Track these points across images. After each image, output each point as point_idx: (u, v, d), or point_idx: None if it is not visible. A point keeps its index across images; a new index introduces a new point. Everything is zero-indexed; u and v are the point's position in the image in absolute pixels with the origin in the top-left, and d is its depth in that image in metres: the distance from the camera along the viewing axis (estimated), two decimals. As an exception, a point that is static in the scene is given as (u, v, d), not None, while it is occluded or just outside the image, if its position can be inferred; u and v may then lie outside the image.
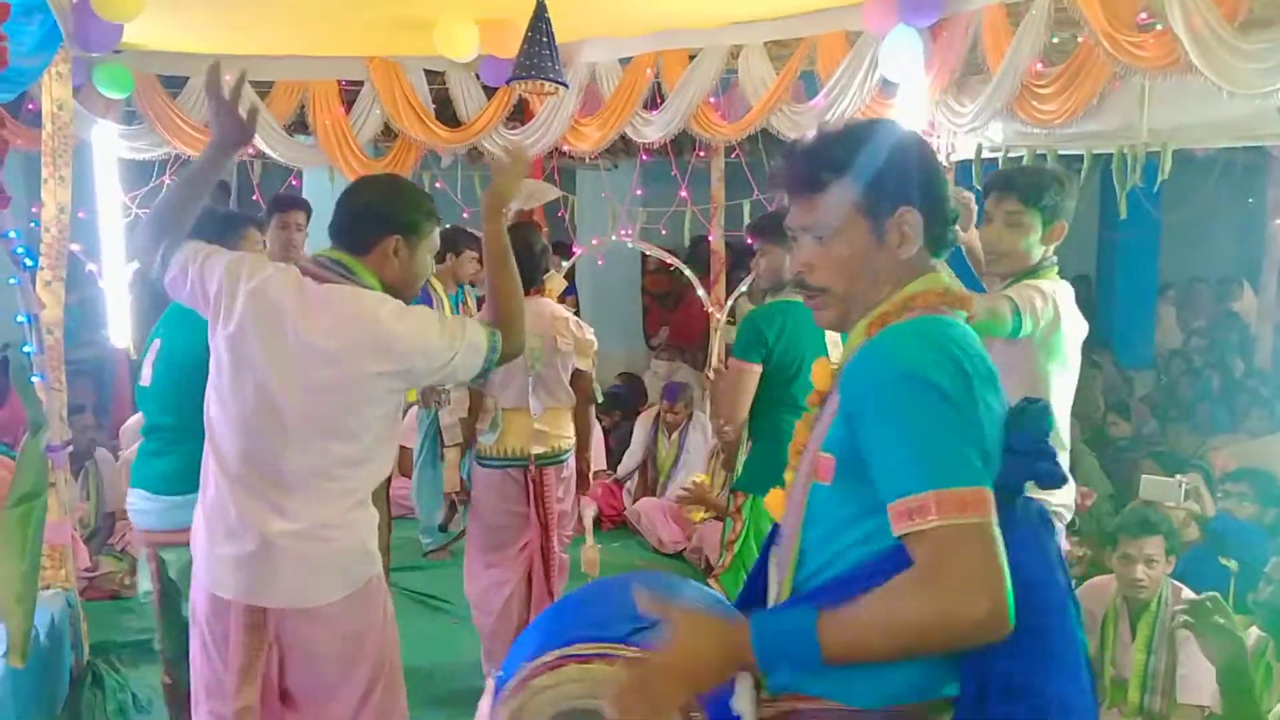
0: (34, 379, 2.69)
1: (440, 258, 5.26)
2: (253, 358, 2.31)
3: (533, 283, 3.76)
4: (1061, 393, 2.99)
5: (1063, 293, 2.97)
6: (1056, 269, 3.05)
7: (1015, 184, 3.01)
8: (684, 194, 6.97)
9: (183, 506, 2.75)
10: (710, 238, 7.11)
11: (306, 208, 4.52)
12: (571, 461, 4.14)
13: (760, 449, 3.77)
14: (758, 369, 3.63)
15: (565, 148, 6.61)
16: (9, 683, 2.78)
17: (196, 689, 2.51)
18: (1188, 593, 3.41)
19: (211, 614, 2.41)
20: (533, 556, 4.03)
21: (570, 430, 4.08)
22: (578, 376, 4.03)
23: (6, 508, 1.77)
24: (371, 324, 2.31)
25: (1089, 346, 3.34)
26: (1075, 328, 3.01)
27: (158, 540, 3.14)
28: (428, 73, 6.48)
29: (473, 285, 5.69)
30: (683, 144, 6.60)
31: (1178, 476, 4.09)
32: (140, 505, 3.17)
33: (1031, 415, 1.54)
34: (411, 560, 5.82)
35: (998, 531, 1.41)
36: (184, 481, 2.79)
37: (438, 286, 5.31)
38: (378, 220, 2.40)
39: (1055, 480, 1.53)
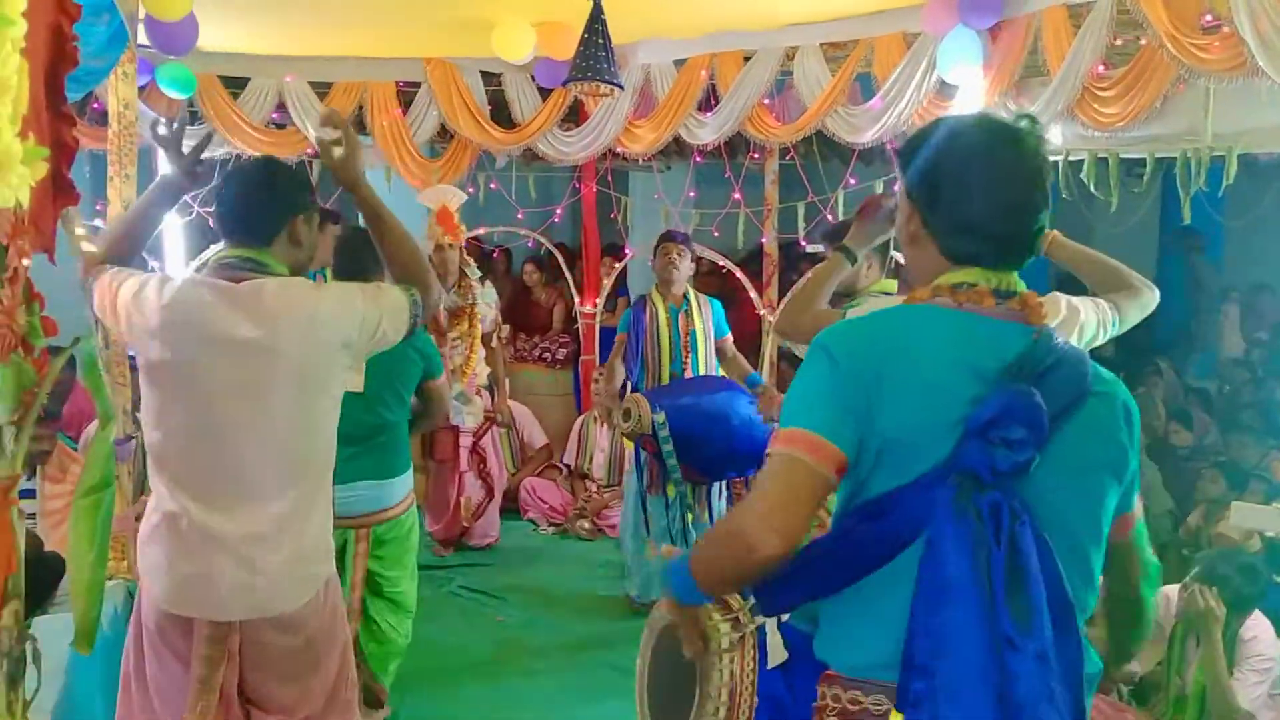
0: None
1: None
2: (190, 373, 2.25)
3: None
4: None
5: None
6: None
7: None
8: (737, 196, 6.95)
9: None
10: (764, 240, 7.09)
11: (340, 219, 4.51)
12: None
13: None
14: None
15: (619, 149, 6.62)
16: (74, 669, 2.84)
17: (138, 703, 2.41)
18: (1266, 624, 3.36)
19: (170, 629, 2.33)
20: None
21: None
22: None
23: (76, 498, 1.82)
24: (306, 310, 2.28)
25: (1150, 354, 3.26)
26: None
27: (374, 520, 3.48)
28: (484, 74, 6.53)
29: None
30: (737, 146, 6.58)
31: (1275, 504, 3.96)
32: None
33: (1007, 400, 1.45)
34: (463, 559, 5.86)
35: (814, 473, 1.46)
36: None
37: (657, 300, 5.19)
38: (278, 207, 2.38)
39: (1007, 467, 1.42)
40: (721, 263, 7.39)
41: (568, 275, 7.82)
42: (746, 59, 5.93)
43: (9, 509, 1.42)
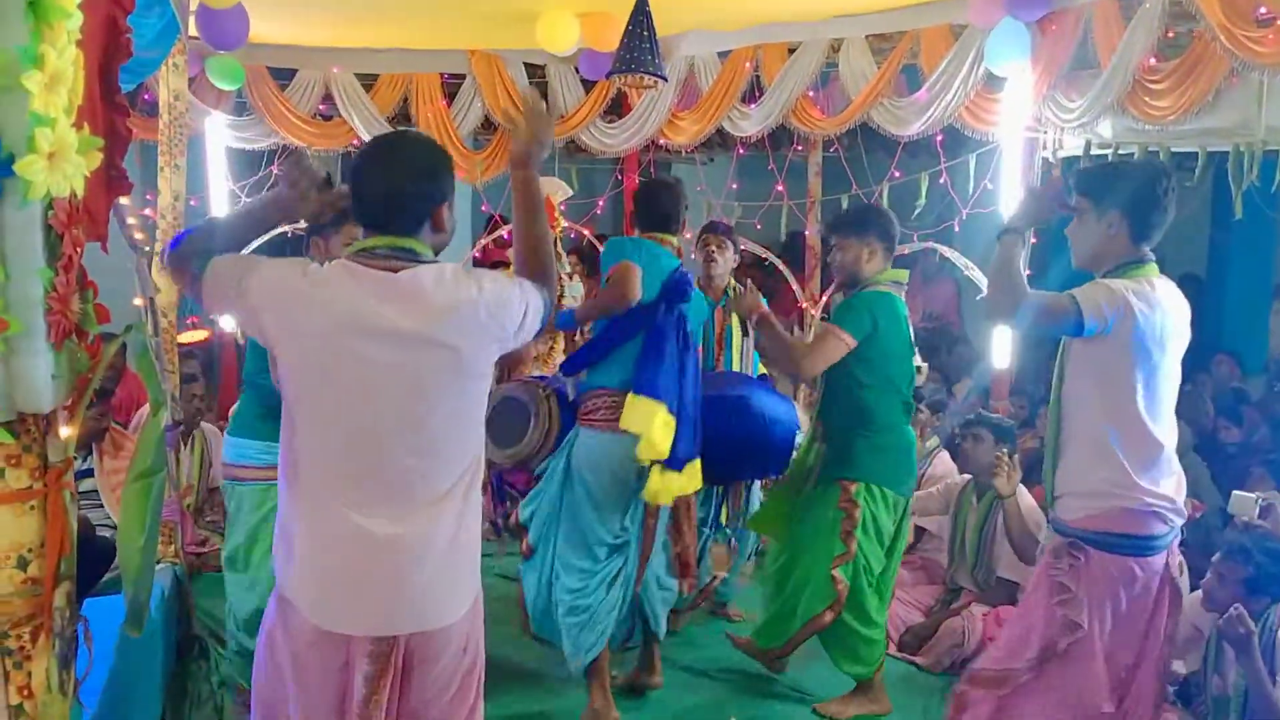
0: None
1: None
2: (346, 369, 2.09)
3: None
4: (1148, 393, 2.78)
5: (1142, 291, 2.75)
6: (1145, 267, 2.84)
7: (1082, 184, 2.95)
8: (780, 188, 6.92)
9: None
10: (806, 233, 7.06)
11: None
12: None
13: (884, 440, 3.73)
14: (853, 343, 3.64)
15: (662, 141, 6.62)
16: (124, 651, 2.89)
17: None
18: None
19: (325, 647, 2.15)
20: None
21: None
22: None
23: (127, 482, 1.84)
24: (469, 301, 2.15)
25: (1198, 350, 3.22)
26: (1159, 327, 2.76)
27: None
28: (528, 66, 6.56)
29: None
30: (780, 138, 6.55)
31: (1257, 493, 4.00)
32: None
33: (678, 277, 3.61)
34: (506, 545, 5.88)
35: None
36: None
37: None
38: (430, 194, 2.19)
39: (679, 300, 3.59)
40: (765, 255, 7.36)
41: (609, 267, 7.83)
42: (791, 51, 5.91)
43: (62, 492, 1.45)
